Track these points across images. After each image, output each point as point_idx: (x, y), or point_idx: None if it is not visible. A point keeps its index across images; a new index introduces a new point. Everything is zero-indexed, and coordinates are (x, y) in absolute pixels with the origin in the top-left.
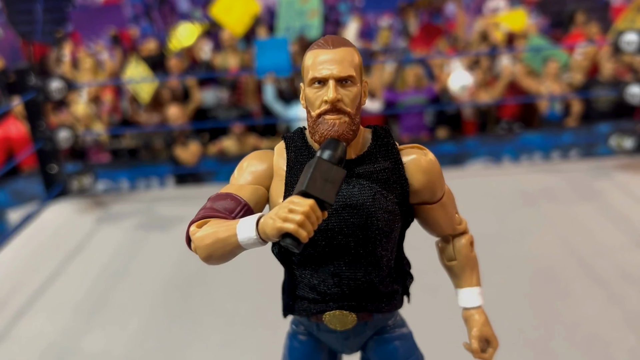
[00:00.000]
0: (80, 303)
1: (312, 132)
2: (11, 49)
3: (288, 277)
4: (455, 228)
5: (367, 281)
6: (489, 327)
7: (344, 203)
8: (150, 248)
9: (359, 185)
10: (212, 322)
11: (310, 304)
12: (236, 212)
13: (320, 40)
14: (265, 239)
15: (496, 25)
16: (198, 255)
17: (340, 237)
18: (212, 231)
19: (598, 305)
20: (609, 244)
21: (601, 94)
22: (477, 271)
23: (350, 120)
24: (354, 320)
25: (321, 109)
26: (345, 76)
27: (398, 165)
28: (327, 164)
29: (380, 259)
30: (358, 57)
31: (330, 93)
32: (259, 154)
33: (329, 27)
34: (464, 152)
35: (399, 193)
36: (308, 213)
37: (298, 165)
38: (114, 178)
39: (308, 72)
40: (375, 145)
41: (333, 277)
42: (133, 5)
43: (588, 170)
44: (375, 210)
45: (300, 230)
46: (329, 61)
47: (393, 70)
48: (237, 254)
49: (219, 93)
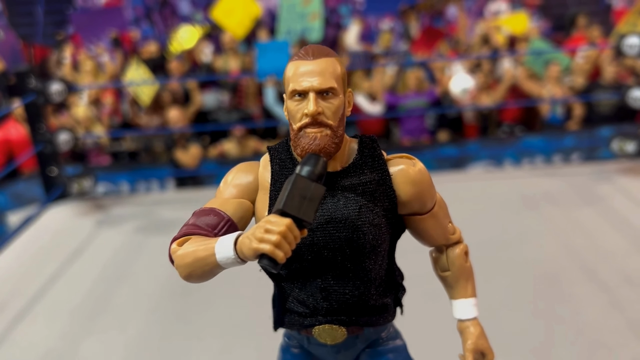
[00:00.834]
0: (79, 307)
1: (294, 145)
2: (12, 51)
3: (277, 290)
4: (449, 238)
5: (356, 295)
6: (485, 339)
7: (330, 217)
8: (150, 251)
9: (344, 198)
10: (210, 327)
11: (300, 318)
12: (219, 228)
13: (301, 51)
14: (244, 259)
15: (497, 28)
16: (179, 274)
17: (326, 252)
18: (191, 250)
19: (601, 311)
20: (612, 249)
21: (603, 97)
22: (472, 282)
23: (332, 133)
24: (344, 334)
25: (302, 122)
26: (326, 88)
27: (385, 176)
28: (305, 181)
29: (369, 273)
30: (340, 68)
31: (311, 106)
32: (245, 166)
33: (330, 30)
34: (465, 156)
35: (387, 205)
36: (284, 233)
37: (282, 178)
38: (114, 181)
39: (288, 84)
40: (361, 157)
41: (321, 291)
42: (134, 7)
43: (590, 174)
44: (361, 224)
45: (277, 251)
46: (309, 73)
47: (394, 73)
48: (217, 273)
49: (220, 96)
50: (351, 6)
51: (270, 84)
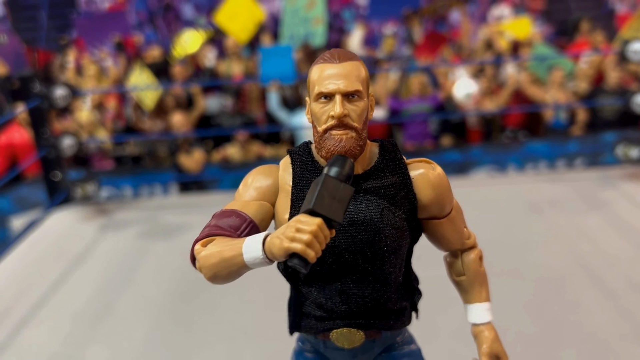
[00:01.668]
0: (83, 311)
1: (319, 147)
2: (15, 55)
3: (294, 294)
4: (464, 242)
5: (374, 298)
6: (499, 343)
7: (352, 219)
8: (154, 256)
9: (366, 201)
10: (216, 332)
11: (317, 322)
12: (241, 229)
13: (326, 54)
14: (272, 259)
15: (501, 33)
16: (203, 275)
17: (347, 254)
18: (217, 250)
19: (607, 317)
20: (616, 254)
21: (607, 102)
22: (486, 286)
23: (357, 136)
24: (361, 337)
25: (328, 124)
26: (352, 91)
27: (406, 180)
28: (334, 182)
29: (389, 276)
30: (365, 71)
31: (337, 108)
32: (264, 169)
33: (333, 35)
34: (468, 161)
35: (407, 209)
36: (316, 232)
37: (304, 180)
38: (117, 185)
39: (314, 86)
40: (382, 160)
41: (340, 294)
42: (137, 12)
43: (594, 180)
44: (383, 226)
45: (308, 250)
46: (335, 75)
47: (397, 78)
48: (243, 273)
49: (223, 100)
50: (354, 11)
51: (274, 88)
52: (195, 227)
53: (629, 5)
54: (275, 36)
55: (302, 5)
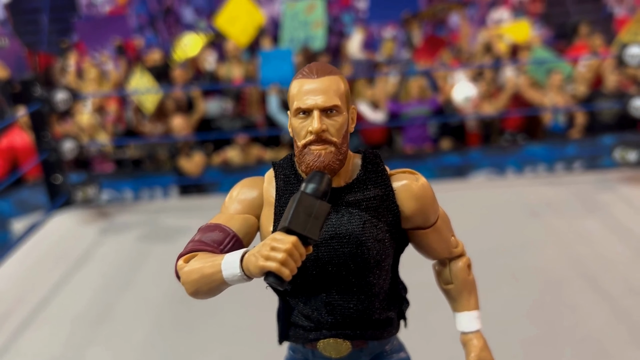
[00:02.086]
0: (84, 314)
1: (299, 162)
2: (16, 59)
3: (282, 304)
4: (452, 251)
5: (360, 310)
6: (488, 351)
7: (334, 232)
8: (154, 259)
9: (348, 214)
10: (215, 335)
11: (305, 332)
12: (224, 244)
13: (305, 69)
14: (250, 276)
15: (500, 36)
16: (185, 290)
17: (330, 267)
18: (197, 267)
19: (605, 320)
20: (614, 258)
21: (605, 106)
22: (475, 294)
23: (336, 150)
24: (348, 347)
25: (306, 139)
26: (330, 106)
27: (388, 192)
28: (310, 199)
29: (373, 287)
30: (344, 85)
31: (315, 124)
32: (249, 181)
33: (333, 38)
34: (467, 164)
35: (390, 220)
36: (290, 251)
37: (287, 194)
38: (118, 188)
39: (293, 101)
40: (364, 172)
41: (326, 306)
42: (138, 15)
43: (592, 183)
44: (365, 239)
45: (283, 268)
46: (314, 91)
47: (397, 81)
48: (223, 289)
49: (223, 104)
50: (354, 14)
51: (274, 92)
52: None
53: (628, 8)
54: (275, 40)
55: (302, 9)
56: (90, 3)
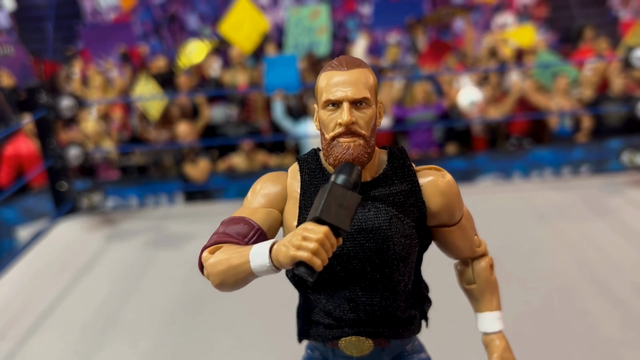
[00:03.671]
0: (90, 321)
1: (327, 155)
2: (22, 66)
3: (303, 301)
4: (475, 250)
5: (383, 307)
6: (510, 352)
7: (360, 227)
8: (160, 265)
9: (374, 208)
10: (222, 341)
11: (326, 330)
12: (249, 236)
13: (334, 62)
14: (279, 267)
15: (505, 41)
16: (210, 282)
17: (355, 262)
18: (224, 257)
19: (614, 323)
20: (623, 262)
21: (611, 109)
22: (497, 295)
23: (365, 143)
24: (370, 346)
25: (335, 132)
26: (359, 98)
27: (415, 187)
28: (341, 189)
29: (397, 284)
30: (373, 78)
31: (345, 116)
32: (273, 176)
33: (338, 44)
34: (473, 168)
35: (416, 216)
36: (322, 240)
37: (312, 188)
38: (123, 195)
39: (322, 94)
40: (391, 167)
41: (349, 302)
42: (142, 23)
43: (600, 187)
44: (392, 234)
45: (314, 258)
46: (343, 83)
47: (402, 86)
48: (250, 281)
49: (228, 110)
50: (358, 20)
51: (278, 98)
52: (200, 236)
53: (633, 12)
54: (280, 46)
55: (306, 15)
56: (95, 11)
